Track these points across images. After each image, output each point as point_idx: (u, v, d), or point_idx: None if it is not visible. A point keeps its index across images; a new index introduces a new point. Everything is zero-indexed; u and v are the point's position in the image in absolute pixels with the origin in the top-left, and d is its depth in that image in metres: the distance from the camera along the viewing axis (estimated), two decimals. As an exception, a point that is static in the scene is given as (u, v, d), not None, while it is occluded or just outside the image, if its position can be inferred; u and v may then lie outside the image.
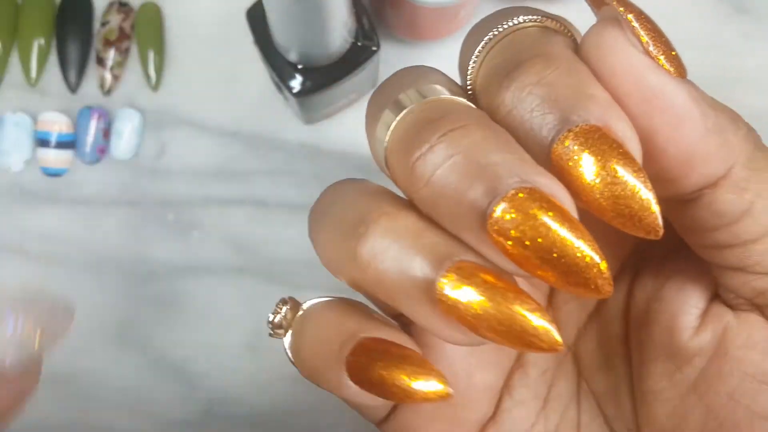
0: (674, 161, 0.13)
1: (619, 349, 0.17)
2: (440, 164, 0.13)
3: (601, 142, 0.12)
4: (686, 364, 0.15)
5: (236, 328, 0.39)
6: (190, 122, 0.40)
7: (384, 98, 0.15)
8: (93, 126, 0.39)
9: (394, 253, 0.13)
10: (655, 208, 0.12)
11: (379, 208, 0.14)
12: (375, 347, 0.14)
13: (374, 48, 0.34)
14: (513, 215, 0.12)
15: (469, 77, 0.15)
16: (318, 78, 0.33)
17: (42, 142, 0.39)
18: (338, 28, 0.30)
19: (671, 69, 0.13)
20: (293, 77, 0.33)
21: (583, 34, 0.14)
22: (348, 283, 0.15)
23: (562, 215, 0.12)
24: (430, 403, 0.14)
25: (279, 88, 0.36)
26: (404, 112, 0.14)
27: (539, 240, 0.12)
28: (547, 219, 0.12)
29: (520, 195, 0.12)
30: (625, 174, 0.12)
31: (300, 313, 0.16)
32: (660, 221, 0.12)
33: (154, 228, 0.40)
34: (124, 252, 0.40)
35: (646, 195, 0.12)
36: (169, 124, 0.40)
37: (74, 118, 0.39)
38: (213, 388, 0.39)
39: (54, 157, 0.39)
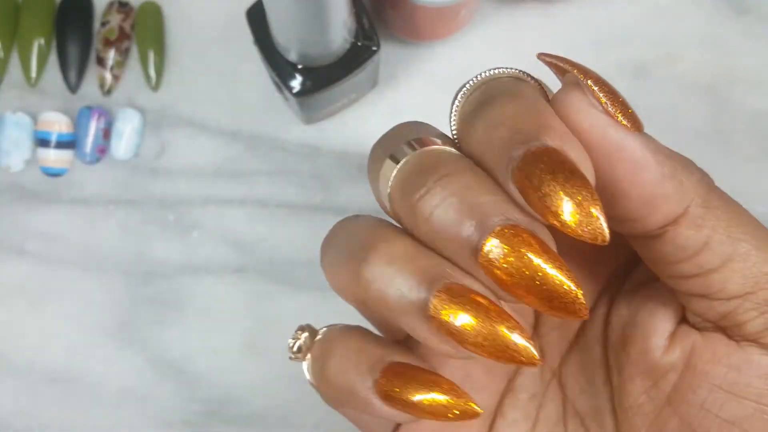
0: (637, 203, 0.15)
1: (599, 372, 0.19)
2: (438, 204, 0.15)
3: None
4: (661, 379, 0.17)
5: (236, 328, 0.39)
6: (190, 122, 0.40)
7: (383, 150, 0.17)
8: (93, 126, 0.39)
9: (392, 275, 0.15)
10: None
11: (379, 236, 0.16)
12: (403, 371, 0.16)
13: (374, 48, 0.34)
14: (500, 249, 0.14)
15: (453, 127, 0.17)
16: (318, 78, 0.33)
17: (42, 142, 0.39)
18: (338, 27, 0.30)
19: (628, 125, 0.15)
20: (293, 77, 0.33)
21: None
22: (353, 304, 0.17)
23: (541, 248, 0.14)
24: (454, 421, 0.16)
25: (279, 88, 0.36)
26: (402, 161, 0.16)
27: (524, 270, 0.14)
28: (529, 252, 0.14)
29: (506, 231, 0.14)
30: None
31: (318, 337, 0.18)
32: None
33: (154, 228, 0.40)
34: (124, 252, 0.40)
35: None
36: (169, 124, 0.40)
37: (74, 118, 0.39)
38: (213, 388, 0.39)
39: (54, 157, 0.39)
